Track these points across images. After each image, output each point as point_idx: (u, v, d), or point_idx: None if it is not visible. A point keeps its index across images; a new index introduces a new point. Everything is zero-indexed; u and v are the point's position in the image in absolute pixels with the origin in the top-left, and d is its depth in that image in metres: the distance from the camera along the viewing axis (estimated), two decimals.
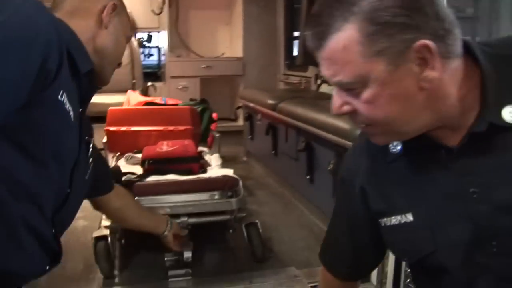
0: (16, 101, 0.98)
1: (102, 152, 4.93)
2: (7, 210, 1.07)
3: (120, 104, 4.77)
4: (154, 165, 2.88)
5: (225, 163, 4.71)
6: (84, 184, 1.43)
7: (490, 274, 1.05)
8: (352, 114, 1.03)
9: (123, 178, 2.72)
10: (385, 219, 1.16)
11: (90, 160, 1.44)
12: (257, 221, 2.89)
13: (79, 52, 1.27)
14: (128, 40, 1.57)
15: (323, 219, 3.39)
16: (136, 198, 2.59)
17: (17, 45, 0.94)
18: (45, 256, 1.25)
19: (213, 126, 4.32)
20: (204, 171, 2.99)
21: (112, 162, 3.43)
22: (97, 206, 2.01)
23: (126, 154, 3.44)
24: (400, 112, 0.98)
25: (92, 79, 1.40)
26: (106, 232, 2.68)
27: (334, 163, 3.13)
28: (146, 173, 2.86)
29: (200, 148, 3.57)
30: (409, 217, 1.12)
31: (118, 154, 3.50)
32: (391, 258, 2.38)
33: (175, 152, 3.01)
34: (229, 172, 2.94)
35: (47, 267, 1.29)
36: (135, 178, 2.76)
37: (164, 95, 6.77)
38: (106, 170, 1.92)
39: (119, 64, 1.57)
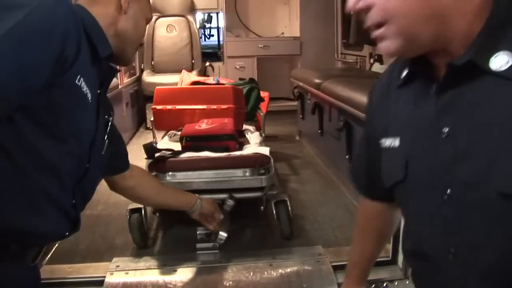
0: (35, 86, 1.10)
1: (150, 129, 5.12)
2: (29, 180, 1.20)
3: (177, 83, 4.97)
4: (191, 142, 2.99)
5: (278, 142, 4.81)
6: (101, 159, 1.51)
7: (442, 221, 1.03)
8: (366, 12, 1.01)
9: (158, 154, 2.82)
10: (383, 139, 1.18)
11: (106, 137, 1.51)
12: (286, 198, 2.90)
13: (99, 38, 1.36)
14: (148, 21, 1.65)
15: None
16: (170, 173, 2.75)
17: (38, 36, 1.07)
18: (64, 223, 1.35)
19: (262, 106, 4.33)
20: (240, 149, 3.04)
21: (158, 140, 3.61)
22: (112, 186, 2.06)
23: (170, 132, 3.65)
24: (417, 7, 0.95)
25: (114, 61, 1.52)
26: (141, 205, 2.77)
27: None
28: (182, 150, 2.96)
29: (245, 127, 3.73)
30: (397, 142, 1.13)
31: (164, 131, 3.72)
32: None
33: (212, 130, 3.10)
34: (265, 150, 2.96)
35: (67, 233, 1.39)
36: (170, 154, 2.86)
37: (222, 75, 6.92)
38: (122, 150, 1.95)
39: (141, 45, 1.68)
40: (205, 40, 8.19)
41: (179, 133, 3.25)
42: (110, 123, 1.56)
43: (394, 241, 2.51)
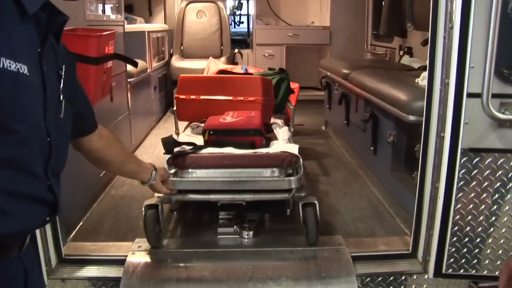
0: None
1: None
2: None
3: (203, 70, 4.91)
4: (214, 136, 2.79)
5: (304, 131, 4.65)
6: (62, 125, 1.33)
7: None
8: None
9: (176, 149, 2.63)
10: None
11: (61, 97, 1.32)
12: (315, 201, 2.62)
13: None
14: None
15: (383, 192, 3.37)
16: (189, 170, 2.58)
17: None
18: (40, 211, 1.25)
19: (292, 98, 4.10)
20: (267, 146, 2.82)
21: (180, 130, 3.47)
22: (77, 147, 1.78)
23: (193, 123, 3.44)
24: None
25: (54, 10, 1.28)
26: (158, 200, 2.62)
27: (393, 135, 3.09)
28: (203, 145, 2.77)
29: (273, 120, 3.50)
30: None
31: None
32: (435, 236, 2.35)
33: (237, 123, 2.89)
34: (293, 148, 2.71)
35: (47, 219, 1.30)
36: (190, 149, 2.65)
37: (251, 62, 6.93)
38: (87, 110, 1.66)
39: None
40: (234, 27, 8.20)
41: (203, 125, 3.01)
42: (62, 79, 1.34)
43: (414, 235, 2.50)
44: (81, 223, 2.98)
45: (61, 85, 1.32)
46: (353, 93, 4.04)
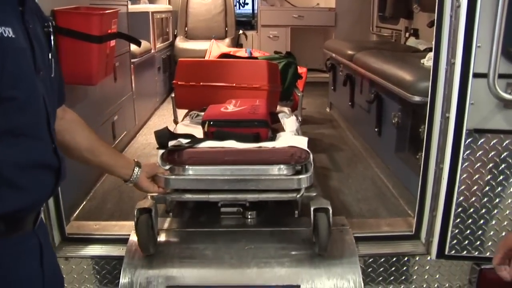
0: None
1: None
2: None
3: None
4: (215, 127, 2.52)
5: (308, 113, 4.46)
6: (52, 84, 1.30)
7: None
8: None
9: (172, 143, 2.39)
10: None
11: (50, 55, 1.28)
12: (328, 207, 2.33)
13: None
14: None
15: (386, 173, 3.36)
16: (186, 167, 2.33)
17: None
18: (49, 177, 1.24)
19: (299, 84, 3.87)
20: (273, 138, 2.58)
21: (179, 119, 3.26)
22: None
23: (192, 112, 3.14)
24: None
25: None
26: (151, 203, 2.36)
27: (398, 116, 3.08)
28: (202, 138, 2.52)
29: (280, 108, 3.27)
30: None
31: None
32: (438, 218, 2.34)
33: (240, 113, 2.64)
34: (302, 141, 2.47)
35: (54, 186, 1.27)
36: (187, 143, 2.39)
37: (255, 44, 6.88)
38: (59, 78, 1.48)
39: None
40: (239, 8, 8.15)
41: (203, 114, 2.76)
42: (52, 37, 1.30)
43: (418, 216, 2.49)
44: (84, 203, 2.99)
45: (51, 41, 1.27)
46: (358, 74, 4.01)
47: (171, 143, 2.38)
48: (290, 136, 2.62)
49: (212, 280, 2.27)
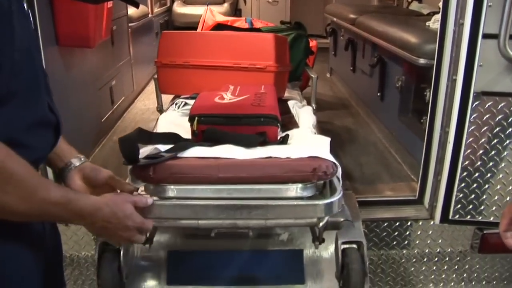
0: None
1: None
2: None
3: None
4: (206, 124, 1.87)
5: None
6: (33, 37, 1.23)
7: None
8: None
9: (145, 151, 1.72)
10: None
11: (26, 5, 1.26)
12: (362, 240, 1.86)
13: None
14: None
15: (389, 138, 3.32)
16: (166, 186, 1.64)
17: None
18: (49, 133, 1.19)
19: (309, 60, 3.29)
20: (284, 141, 1.92)
21: (165, 106, 2.72)
22: None
23: (178, 100, 2.45)
24: None
25: None
26: None
27: (402, 80, 3.02)
28: (187, 141, 1.85)
29: (288, 94, 2.70)
30: None
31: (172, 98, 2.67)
32: (443, 182, 2.31)
33: (241, 105, 2.02)
34: (324, 144, 1.88)
35: (54, 141, 1.22)
36: (167, 151, 1.72)
37: (254, 11, 6.76)
38: None
39: None
40: None
41: (192, 102, 2.15)
42: None
43: (421, 181, 2.47)
44: None
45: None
46: (360, 38, 3.94)
47: (144, 150, 1.72)
48: (307, 135, 2.05)
49: None
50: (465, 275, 2.51)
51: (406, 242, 2.46)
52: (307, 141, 1.94)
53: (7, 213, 1.04)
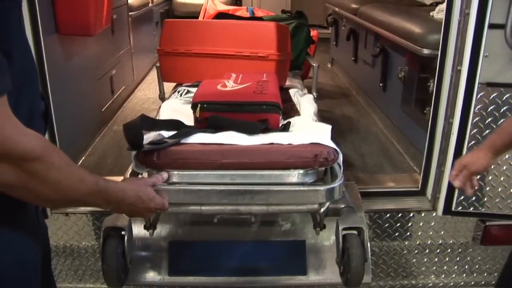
0: None
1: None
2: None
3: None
4: (209, 111, 1.90)
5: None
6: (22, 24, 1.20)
7: None
8: None
9: (149, 137, 1.76)
10: None
11: None
12: (362, 226, 1.83)
13: None
14: None
15: (391, 129, 3.31)
16: (169, 171, 1.68)
17: None
18: (41, 122, 1.18)
19: (311, 50, 3.33)
20: (286, 127, 1.97)
21: (167, 95, 2.71)
22: None
23: (180, 88, 2.49)
24: None
25: None
26: (124, 219, 1.82)
27: (405, 70, 3.00)
28: (191, 128, 1.89)
29: (290, 82, 2.73)
30: None
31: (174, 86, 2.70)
32: (446, 174, 2.30)
33: (243, 92, 2.05)
34: (325, 131, 1.90)
35: (43, 132, 1.20)
36: (171, 137, 1.78)
37: (255, 0, 6.72)
38: None
39: None
40: None
41: (194, 90, 2.18)
42: None
43: (424, 172, 2.45)
44: (83, 158, 2.94)
45: None
46: (362, 28, 3.91)
47: (148, 136, 1.77)
48: (308, 123, 2.08)
49: None
50: (466, 266, 2.50)
51: (408, 234, 2.45)
52: (308, 128, 1.97)
53: (43, 200, 1.10)
